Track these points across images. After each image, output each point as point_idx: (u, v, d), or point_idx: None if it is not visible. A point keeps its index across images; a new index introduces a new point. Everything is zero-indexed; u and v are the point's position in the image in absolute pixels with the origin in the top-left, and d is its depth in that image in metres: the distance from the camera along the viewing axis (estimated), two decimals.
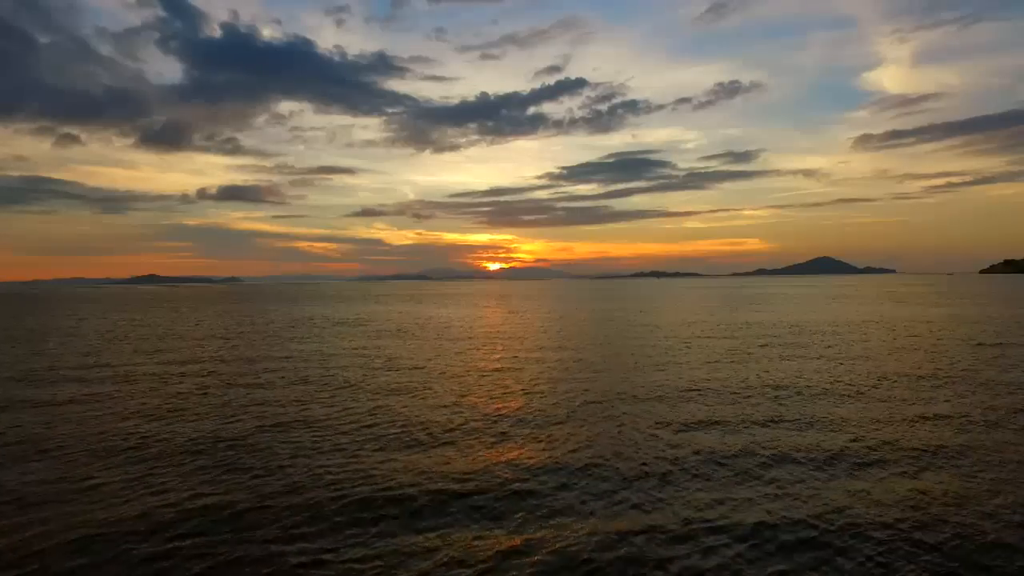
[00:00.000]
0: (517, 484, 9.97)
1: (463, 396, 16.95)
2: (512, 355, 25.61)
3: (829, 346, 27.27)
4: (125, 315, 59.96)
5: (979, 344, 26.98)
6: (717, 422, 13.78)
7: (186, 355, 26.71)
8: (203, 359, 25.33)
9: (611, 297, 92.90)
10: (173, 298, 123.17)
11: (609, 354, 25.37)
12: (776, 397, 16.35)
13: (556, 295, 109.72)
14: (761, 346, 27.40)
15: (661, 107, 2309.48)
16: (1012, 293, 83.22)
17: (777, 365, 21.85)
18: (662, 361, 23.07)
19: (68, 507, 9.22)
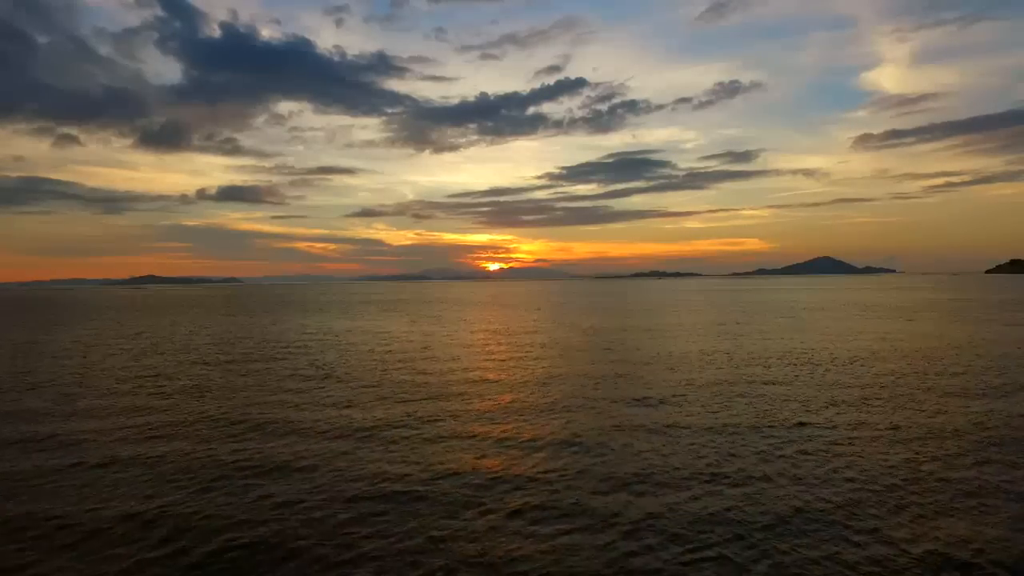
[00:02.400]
0: None
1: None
2: (476, 422, 19.41)
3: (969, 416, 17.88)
4: (57, 331, 53.79)
5: None
6: None
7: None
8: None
9: (614, 306, 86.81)
10: (147, 302, 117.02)
11: (624, 427, 19.12)
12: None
13: (554, 301, 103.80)
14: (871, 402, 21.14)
15: (661, 107, 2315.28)
16: None
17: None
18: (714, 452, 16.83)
19: None
